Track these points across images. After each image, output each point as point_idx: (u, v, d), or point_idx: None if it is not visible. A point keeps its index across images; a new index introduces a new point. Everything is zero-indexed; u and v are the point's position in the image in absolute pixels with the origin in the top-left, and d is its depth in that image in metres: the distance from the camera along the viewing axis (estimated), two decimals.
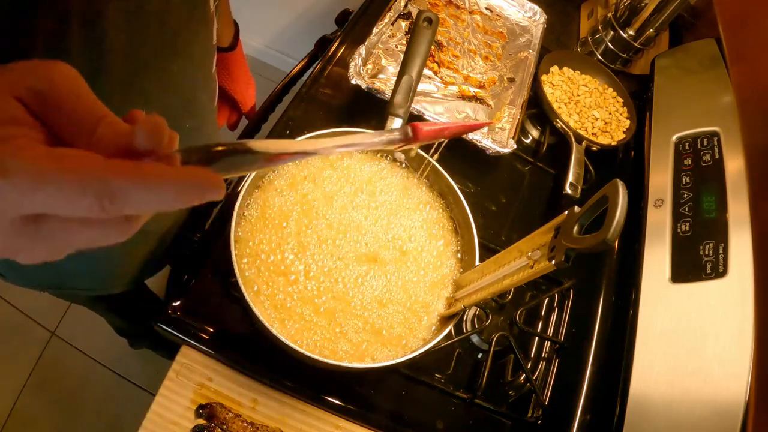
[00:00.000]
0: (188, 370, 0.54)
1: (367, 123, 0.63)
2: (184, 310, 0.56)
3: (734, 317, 0.58)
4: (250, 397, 0.55)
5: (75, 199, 0.18)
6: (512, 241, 0.50)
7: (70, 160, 0.19)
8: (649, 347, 0.64)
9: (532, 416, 0.65)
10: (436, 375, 0.64)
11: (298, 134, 0.57)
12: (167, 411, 0.52)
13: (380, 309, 0.54)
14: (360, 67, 0.74)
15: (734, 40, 0.72)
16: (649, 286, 0.68)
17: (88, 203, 0.18)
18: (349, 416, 0.57)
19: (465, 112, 0.79)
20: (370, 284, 0.55)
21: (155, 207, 0.20)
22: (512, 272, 0.44)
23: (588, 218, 0.36)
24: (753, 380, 0.54)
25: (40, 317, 1.36)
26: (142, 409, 0.51)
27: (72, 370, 1.32)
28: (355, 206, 0.59)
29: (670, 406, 0.58)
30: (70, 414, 1.28)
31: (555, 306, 0.74)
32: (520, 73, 0.88)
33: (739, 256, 0.62)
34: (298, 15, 1.68)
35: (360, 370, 0.50)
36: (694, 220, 0.69)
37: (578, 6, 1.12)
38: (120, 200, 0.19)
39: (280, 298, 0.52)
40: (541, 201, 0.83)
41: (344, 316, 0.53)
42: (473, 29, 0.91)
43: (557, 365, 0.69)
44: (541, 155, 0.86)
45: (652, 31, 0.96)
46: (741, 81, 0.64)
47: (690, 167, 0.75)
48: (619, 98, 0.92)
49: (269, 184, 0.57)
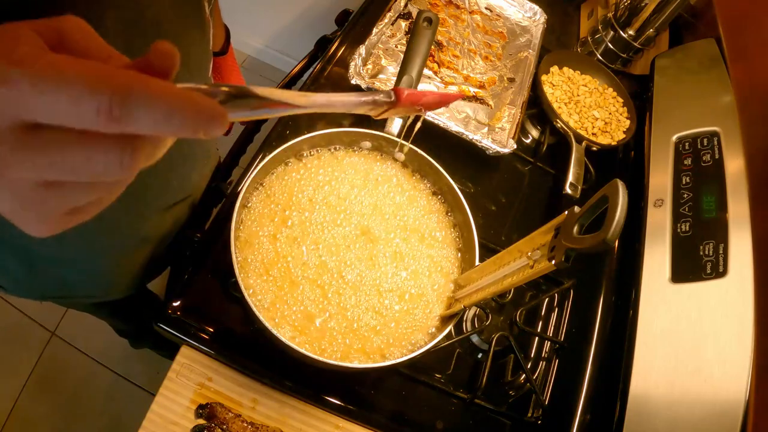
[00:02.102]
0: (188, 370, 0.54)
1: (367, 123, 0.63)
2: (184, 310, 0.56)
3: (734, 317, 0.58)
4: (250, 397, 0.55)
5: (82, 95, 0.18)
6: (512, 241, 0.50)
7: (85, 61, 0.18)
8: (649, 347, 0.64)
9: (532, 416, 0.65)
10: (436, 375, 0.64)
11: (298, 134, 0.57)
12: (167, 411, 0.52)
13: (380, 309, 0.54)
14: (360, 67, 0.75)
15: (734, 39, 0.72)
16: (649, 286, 0.68)
17: (96, 101, 0.18)
18: (349, 416, 0.57)
19: (465, 112, 0.79)
20: (370, 284, 0.55)
21: (159, 127, 0.19)
22: (512, 272, 0.44)
23: (588, 218, 0.36)
24: (753, 380, 0.54)
25: (40, 317, 1.36)
26: (142, 409, 0.51)
27: (72, 370, 1.32)
28: (355, 207, 0.59)
29: (670, 406, 0.58)
30: (70, 414, 1.28)
31: (555, 306, 0.74)
32: (520, 73, 0.88)
33: (739, 256, 0.62)
34: (298, 15, 1.68)
35: (360, 370, 0.50)
36: (694, 220, 0.69)
37: (578, 6, 1.12)
38: (130, 106, 0.18)
39: (280, 298, 0.52)
40: (541, 201, 0.83)
41: (344, 316, 0.53)
42: (473, 29, 0.91)
43: (557, 365, 0.69)
44: (541, 155, 0.86)
45: (652, 31, 0.96)
46: (741, 81, 0.64)
47: (690, 167, 0.75)
48: (619, 98, 0.92)
49: (270, 184, 0.57)
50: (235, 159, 0.77)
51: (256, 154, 0.66)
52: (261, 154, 0.66)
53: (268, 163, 0.55)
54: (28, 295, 0.65)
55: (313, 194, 0.58)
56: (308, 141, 0.58)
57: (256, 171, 0.54)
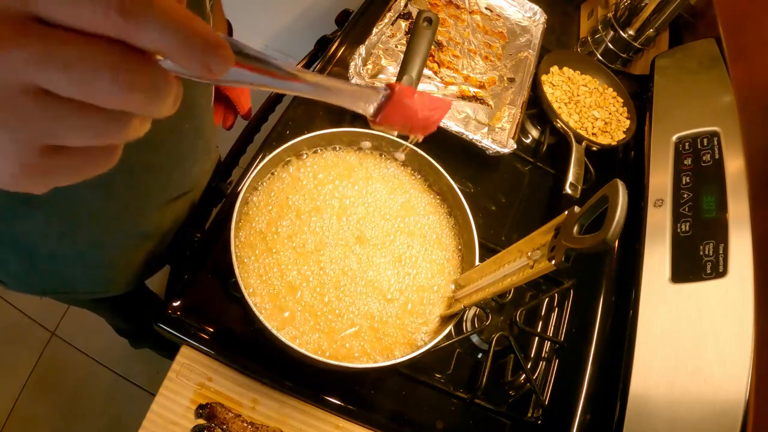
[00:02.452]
0: (188, 370, 0.54)
1: (367, 123, 0.63)
2: (184, 310, 0.56)
3: (734, 317, 0.58)
4: (250, 397, 0.55)
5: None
6: (512, 241, 0.50)
7: None
8: (649, 347, 0.64)
9: (532, 416, 0.65)
10: (436, 375, 0.64)
11: (298, 134, 0.57)
12: (167, 411, 0.52)
13: (380, 309, 0.54)
14: (360, 67, 0.74)
15: (734, 39, 0.72)
16: (649, 286, 0.68)
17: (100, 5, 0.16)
18: (349, 416, 0.57)
19: (465, 112, 0.79)
20: (370, 284, 0.55)
21: (165, 40, 0.18)
22: (512, 272, 0.44)
23: (588, 218, 0.36)
24: (753, 380, 0.54)
25: (40, 317, 1.36)
26: (142, 409, 0.51)
27: (72, 370, 1.32)
28: (355, 207, 0.59)
29: (670, 406, 0.58)
30: (70, 414, 1.28)
31: (555, 306, 0.74)
32: (520, 73, 0.88)
33: (739, 256, 0.62)
34: (298, 15, 1.68)
35: (360, 370, 0.50)
36: (694, 220, 0.69)
37: (578, 6, 1.12)
38: (132, 16, 0.17)
39: (280, 298, 0.52)
40: (541, 201, 0.83)
41: (344, 316, 0.53)
42: (473, 29, 0.91)
43: (557, 365, 0.69)
44: (541, 155, 0.86)
45: (652, 31, 0.96)
46: (741, 81, 0.64)
47: (690, 167, 0.75)
48: (619, 98, 0.92)
49: (270, 184, 0.57)
50: (235, 159, 0.77)
51: (256, 154, 0.66)
52: (261, 154, 0.66)
53: (268, 163, 0.55)
54: (28, 290, 0.65)
55: (313, 194, 0.58)
56: (308, 141, 0.58)
57: (256, 171, 0.54)
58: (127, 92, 0.18)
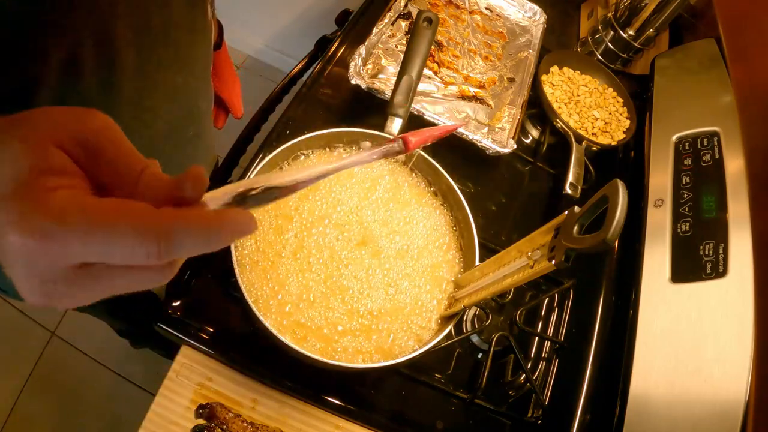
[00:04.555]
0: (188, 370, 0.54)
1: (367, 123, 0.63)
2: (184, 310, 0.56)
3: (734, 317, 0.58)
4: (250, 397, 0.55)
5: (134, 246, 0.19)
6: (512, 241, 0.50)
7: (126, 209, 0.19)
8: (649, 347, 0.64)
9: (532, 416, 0.65)
10: (436, 375, 0.64)
11: (298, 134, 0.57)
12: (167, 411, 0.52)
13: (380, 309, 0.54)
14: (360, 67, 0.74)
15: (734, 39, 0.72)
16: (649, 286, 0.68)
17: (146, 250, 0.19)
18: (349, 416, 0.57)
19: (465, 112, 0.79)
20: (370, 285, 0.55)
21: (203, 250, 0.21)
22: (512, 272, 0.44)
23: (588, 218, 0.36)
24: (753, 380, 0.54)
25: (40, 317, 1.36)
26: (142, 409, 0.51)
27: (72, 370, 1.32)
28: (355, 207, 0.59)
29: (670, 406, 0.58)
30: (70, 414, 1.28)
31: (555, 306, 0.74)
32: (520, 73, 0.88)
33: (739, 256, 0.62)
34: (298, 15, 1.68)
35: (360, 370, 0.50)
36: (694, 220, 0.69)
37: (578, 6, 1.12)
38: (175, 246, 0.20)
39: (280, 298, 0.52)
40: (541, 201, 0.83)
41: (344, 316, 0.53)
42: (473, 29, 0.91)
43: (557, 365, 0.69)
44: (541, 155, 0.86)
45: (652, 31, 0.96)
46: (741, 81, 0.64)
47: (690, 167, 0.75)
48: (619, 98, 0.92)
49: None
50: (235, 159, 0.77)
51: (256, 154, 0.66)
52: (261, 154, 0.66)
53: (268, 163, 0.55)
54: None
55: (313, 194, 0.58)
56: (308, 141, 0.58)
57: (256, 171, 0.54)
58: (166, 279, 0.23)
